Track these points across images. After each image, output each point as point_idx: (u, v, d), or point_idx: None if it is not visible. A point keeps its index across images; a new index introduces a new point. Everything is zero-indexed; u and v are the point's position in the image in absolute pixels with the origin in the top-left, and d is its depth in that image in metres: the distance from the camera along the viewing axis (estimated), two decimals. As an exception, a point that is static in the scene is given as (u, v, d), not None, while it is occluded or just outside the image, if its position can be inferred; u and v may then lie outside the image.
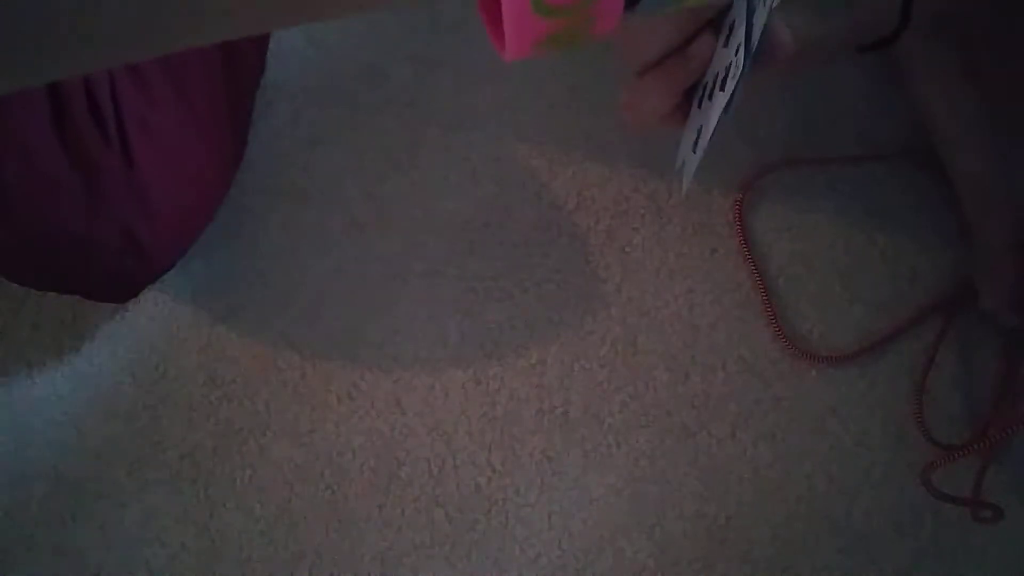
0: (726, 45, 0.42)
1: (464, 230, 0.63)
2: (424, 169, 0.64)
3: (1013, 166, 0.57)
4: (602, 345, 0.61)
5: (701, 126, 0.44)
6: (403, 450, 0.60)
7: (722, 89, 0.42)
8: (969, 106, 0.57)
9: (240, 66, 0.59)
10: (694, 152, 0.45)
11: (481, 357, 0.61)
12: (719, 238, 0.62)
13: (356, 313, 0.62)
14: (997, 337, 0.59)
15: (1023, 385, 0.58)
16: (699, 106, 0.45)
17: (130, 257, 0.56)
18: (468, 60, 0.65)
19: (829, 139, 0.63)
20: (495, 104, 0.65)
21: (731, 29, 0.42)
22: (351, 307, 0.62)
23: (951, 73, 0.57)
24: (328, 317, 0.62)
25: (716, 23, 0.44)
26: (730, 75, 0.41)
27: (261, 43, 0.63)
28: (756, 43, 0.40)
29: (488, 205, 0.64)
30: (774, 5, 0.40)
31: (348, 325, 0.62)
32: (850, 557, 0.58)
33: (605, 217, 0.63)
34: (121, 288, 0.60)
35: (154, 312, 0.63)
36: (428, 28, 0.66)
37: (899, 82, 0.62)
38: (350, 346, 0.62)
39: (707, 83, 0.44)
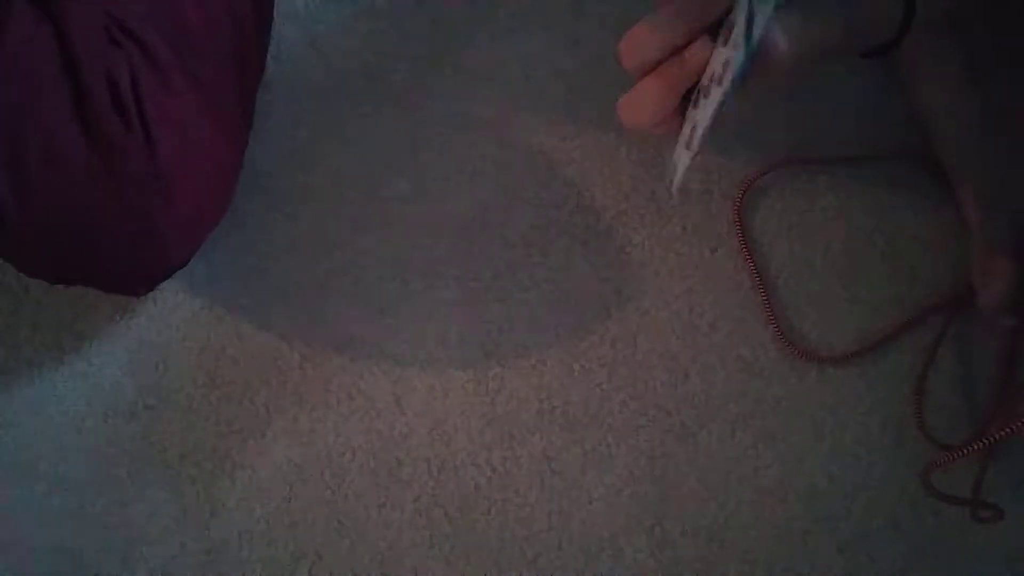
0: (724, 45, 0.43)
1: (464, 230, 0.63)
2: (424, 169, 0.64)
3: (1012, 166, 0.57)
4: (602, 345, 0.61)
5: (695, 125, 0.44)
6: (403, 450, 0.60)
7: (719, 84, 0.42)
8: (968, 106, 0.57)
9: (246, 63, 0.59)
10: (687, 149, 0.45)
11: (481, 357, 0.62)
12: (719, 238, 0.62)
13: (356, 313, 0.62)
14: (996, 337, 0.59)
15: (1022, 385, 0.58)
16: (694, 106, 0.45)
17: (153, 248, 0.56)
18: (468, 60, 0.65)
19: (829, 139, 0.63)
20: (495, 104, 0.65)
21: (730, 31, 0.42)
22: (351, 307, 0.62)
23: (951, 73, 0.57)
24: (328, 317, 0.62)
25: (713, 27, 0.44)
26: (727, 69, 0.41)
27: (262, 43, 0.63)
28: (757, 38, 0.40)
29: (488, 205, 0.64)
30: (777, 5, 0.40)
31: (348, 325, 0.62)
32: (850, 557, 0.58)
33: (605, 217, 0.63)
34: (137, 279, 0.60)
35: (154, 312, 0.63)
36: (428, 28, 0.66)
37: (899, 82, 0.62)
38: (350, 346, 0.62)
39: (703, 84, 0.44)
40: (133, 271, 0.59)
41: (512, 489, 0.60)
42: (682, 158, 0.46)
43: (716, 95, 0.42)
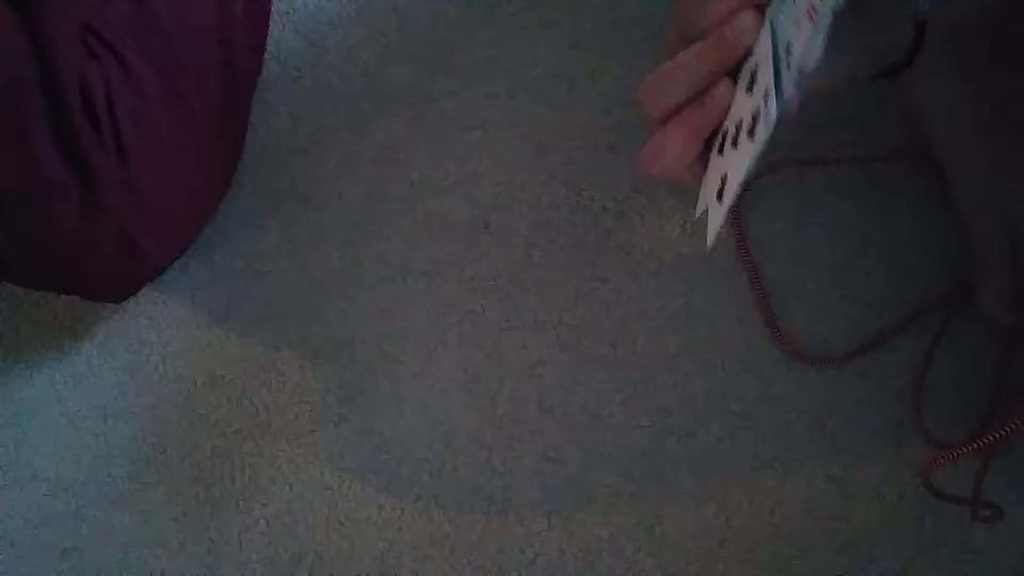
0: (749, 91, 0.42)
1: (464, 230, 0.63)
2: (424, 169, 0.64)
3: (1010, 165, 0.57)
4: (602, 345, 0.61)
5: (725, 174, 0.43)
6: (403, 450, 0.60)
7: (751, 138, 0.41)
8: (966, 107, 0.57)
9: (237, 68, 0.59)
10: (719, 201, 0.44)
11: (481, 357, 0.62)
12: (719, 238, 0.62)
13: (356, 313, 0.62)
14: (995, 336, 0.59)
15: (1021, 383, 0.58)
16: (720, 152, 0.44)
17: (127, 257, 0.56)
18: (468, 60, 0.65)
19: (829, 139, 0.63)
20: (495, 104, 0.65)
21: (753, 76, 0.41)
22: (351, 307, 0.63)
23: (949, 74, 0.57)
24: (328, 317, 0.62)
25: (735, 70, 0.43)
26: (759, 124, 0.40)
27: (258, 44, 0.63)
28: (785, 92, 0.39)
29: (488, 205, 0.64)
30: (806, 55, 0.39)
31: (348, 325, 0.62)
32: (850, 557, 0.58)
33: (605, 217, 0.63)
34: (118, 288, 0.60)
35: (154, 312, 0.63)
36: (428, 28, 0.66)
37: (898, 82, 0.62)
38: (350, 346, 0.62)
39: (727, 129, 0.43)
40: (112, 282, 0.59)
41: (512, 489, 0.60)
42: (715, 211, 0.44)
43: (749, 149, 0.41)
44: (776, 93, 0.39)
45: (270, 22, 0.65)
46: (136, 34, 0.55)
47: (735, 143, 0.42)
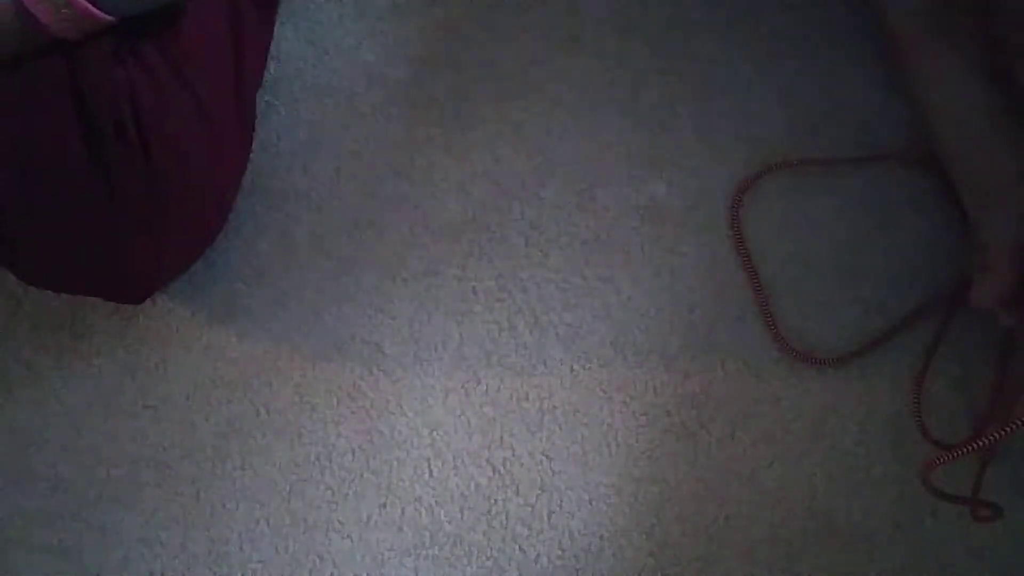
0: None
1: (464, 231, 0.63)
2: (424, 170, 0.64)
3: (1012, 165, 0.57)
4: (602, 345, 0.61)
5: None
6: (403, 450, 0.60)
7: None
8: (969, 105, 0.57)
9: (246, 68, 0.59)
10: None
11: (481, 357, 0.62)
12: (718, 238, 0.62)
13: (356, 313, 0.62)
14: (995, 336, 0.59)
15: (1021, 383, 0.58)
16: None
17: (151, 260, 0.57)
18: (468, 60, 0.65)
19: (829, 139, 0.63)
20: (494, 104, 0.65)
21: None
22: (351, 307, 0.62)
23: (952, 72, 0.57)
24: (328, 317, 0.62)
25: None
26: None
27: (262, 44, 0.63)
28: None
29: (487, 205, 0.64)
30: None
31: (348, 325, 0.62)
32: (850, 557, 0.58)
33: (605, 217, 0.63)
34: (140, 289, 0.60)
35: (154, 312, 0.63)
36: (427, 28, 0.66)
37: (899, 82, 0.62)
38: (350, 346, 0.62)
39: None
40: (132, 284, 0.59)
41: (512, 489, 0.60)
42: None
43: None
44: None
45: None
46: (157, 36, 0.55)
47: None
